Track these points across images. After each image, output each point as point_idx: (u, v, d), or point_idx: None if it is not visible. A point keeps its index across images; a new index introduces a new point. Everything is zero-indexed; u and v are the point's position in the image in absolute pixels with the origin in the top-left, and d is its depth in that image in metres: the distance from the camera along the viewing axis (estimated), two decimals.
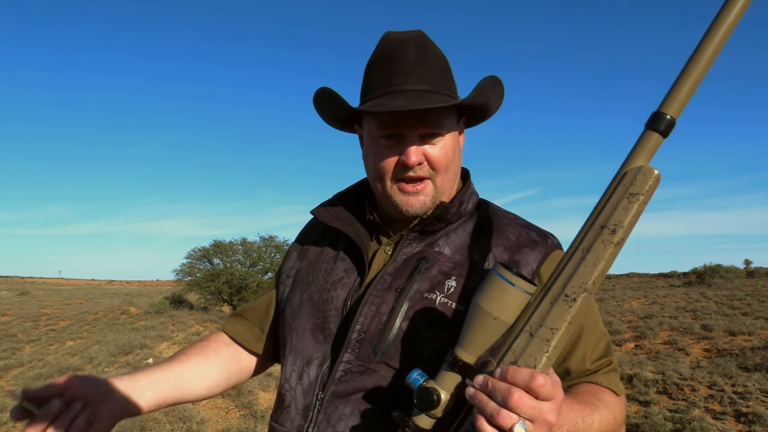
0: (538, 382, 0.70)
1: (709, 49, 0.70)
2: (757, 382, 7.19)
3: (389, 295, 1.03)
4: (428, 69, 1.03)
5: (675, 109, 0.72)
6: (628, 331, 12.47)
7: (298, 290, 1.17)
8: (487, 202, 1.18)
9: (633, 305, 18.67)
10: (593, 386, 1.01)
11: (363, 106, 1.04)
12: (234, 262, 20.30)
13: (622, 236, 0.74)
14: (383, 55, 1.05)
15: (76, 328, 17.24)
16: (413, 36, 1.06)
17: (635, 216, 0.74)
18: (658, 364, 8.86)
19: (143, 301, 22.91)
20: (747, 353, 9.10)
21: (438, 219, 1.07)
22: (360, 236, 1.12)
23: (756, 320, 12.42)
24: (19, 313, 22.93)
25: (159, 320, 16.24)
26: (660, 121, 0.72)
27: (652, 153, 0.74)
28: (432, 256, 1.06)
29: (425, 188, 1.05)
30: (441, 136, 1.04)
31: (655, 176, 0.73)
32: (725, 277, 28.37)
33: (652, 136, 0.73)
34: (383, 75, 1.04)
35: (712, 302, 17.65)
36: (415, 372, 0.84)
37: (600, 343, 1.05)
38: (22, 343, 15.04)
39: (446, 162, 1.05)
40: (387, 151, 1.05)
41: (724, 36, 0.70)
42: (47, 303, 29.06)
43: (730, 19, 0.70)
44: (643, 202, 0.73)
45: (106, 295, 37.82)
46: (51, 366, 10.56)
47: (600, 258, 0.74)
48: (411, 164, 1.01)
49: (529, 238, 1.07)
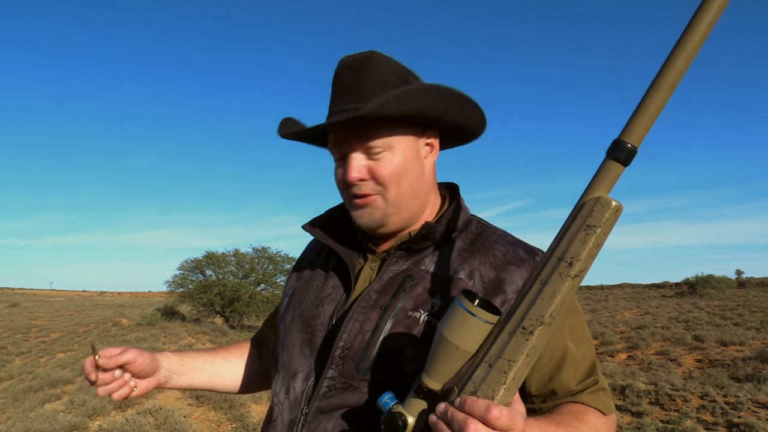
0: (493, 414, 0.71)
1: (670, 76, 0.69)
2: (749, 392, 7.21)
3: (374, 312, 1.03)
4: (366, 86, 1.03)
5: (636, 137, 0.70)
6: (620, 341, 12.49)
7: (291, 308, 1.19)
8: (477, 218, 1.18)
9: (625, 316, 18.72)
10: (578, 406, 1.00)
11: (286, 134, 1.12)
12: (227, 274, 20.22)
13: (579, 269, 0.72)
14: (332, 82, 1.09)
15: (66, 340, 17.07)
16: (356, 58, 1.06)
17: (593, 248, 0.72)
18: (650, 375, 8.88)
19: (135, 313, 22.75)
20: (739, 363, 9.14)
21: (424, 238, 1.07)
22: (348, 253, 1.14)
23: (747, 330, 12.48)
24: (9, 325, 22.69)
25: (151, 332, 16.11)
26: (621, 150, 0.70)
27: (613, 183, 0.72)
28: (418, 274, 1.06)
29: (373, 202, 1.06)
30: (386, 150, 1.04)
31: (613, 208, 0.71)
32: (717, 288, 28.49)
33: (612, 165, 0.71)
34: (330, 101, 1.08)
35: (704, 312, 17.72)
36: (386, 395, 0.84)
37: (585, 362, 1.04)
38: (11, 355, 14.87)
39: (394, 175, 1.04)
40: (338, 171, 1.09)
41: (685, 63, 0.69)
42: (38, 315, 28.79)
43: (690, 46, 0.68)
44: (600, 234, 0.71)
45: (98, 307, 37.51)
46: (41, 378, 10.45)
47: (557, 291, 0.72)
48: (350, 181, 1.04)
49: (516, 255, 1.07)
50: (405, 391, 0.86)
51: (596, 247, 0.72)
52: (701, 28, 0.68)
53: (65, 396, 8.97)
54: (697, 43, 0.68)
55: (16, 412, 8.27)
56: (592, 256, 0.72)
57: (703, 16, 0.67)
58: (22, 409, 8.28)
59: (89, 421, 6.89)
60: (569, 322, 1.04)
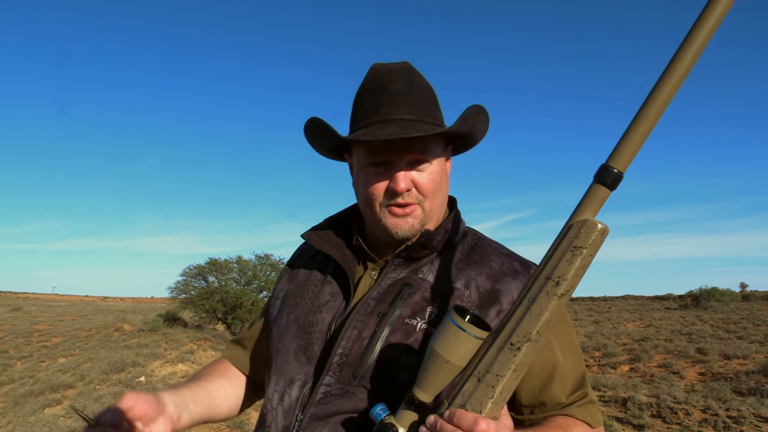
0: (480, 427, 0.75)
1: (655, 105, 0.71)
2: (751, 406, 7.16)
3: (371, 319, 1.05)
4: (415, 98, 1.07)
5: (622, 162, 0.73)
6: (623, 353, 12.43)
7: (285, 312, 1.19)
8: (473, 230, 1.21)
9: (628, 328, 18.64)
10: (567, 419, 1.02)
11: (352, 135, 1.07)
12: (229, 281, 20.22)
13: (565, 288, 0.75)
14: (371, 87, 1.09)
15: (68, 345, 17.09)
16: (400, 67, 1.10)
17: (579, 269, 0.75)
18: (652, 388, 8.83)
19: (137, 319, 22.74)
20: (741, 377, 9.08)
21: (423, 246, 1.09)
22: (347, 261, 1.15)
23: (751, 344, 12.41)
24: (11, 328, 22.73)
25: (152, 338, 16.11)
26: (607, 175, 0.73)
27: (599, 205, 0.75)
28: (415, 283, 1.08)
29: (414, 211, 1.08)
30: (428, 163, 1.07)
31: (599, 230, 0.74)
32: (721, 301, 28.34)
33: (599, 189, 0.74)
34: (372, 105, 1.07)
35: (708, 325, 17.63)
36: (378, 407, 0.87)
37: (575, 375, 1.06)
38: (13, 359, 14.89)
39: (434, 188, 1.08)
40: (376, 178, 1.07)
41: (669, 94, 0.71)
42: (40, 319, 28.82)
43: (675, 78, 0.70)
44: (587, 256, 0.74)
45: (100, 312, 37.54)
46: (42, 383, 10.45)
47: (544, 309, 0.76)
48: (400, 191, 1.04)
49: (512, 267, 1.10)
50: (401, 399, 0.88)
51: (582, 267, 0.75)
52: (686, 61, 0.70)
53: (65, 401, 8.98)
54: (681, 76, 0.71)
55: (17, 416, 8.27)
56: (578, 276, 0.75)
57: (687, 50, 0.70)
58: (23, 413, 8.29)
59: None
60: (559, 336, 1.06)
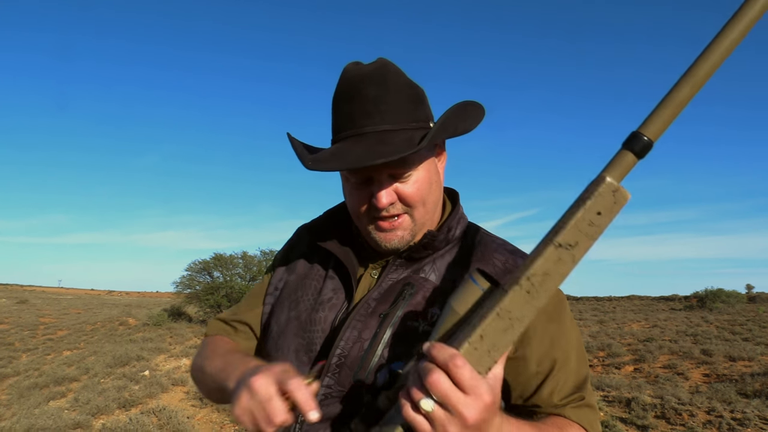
0: (456, 362, 0.70)
1: (700, 72, 0.69)
2: (756, 408, 7.12)
3: (372, 320, 1.02)
4: (389, 104, 1.01)
5: (653, 130, 0.70)
6: (627, 354, 12.39)
7: (285, 306, 1.16)
8: (475, 226, 1.17)
9: (633, 328, 18.58)
10: (561, 419, 0.99)
11: (319, 158, 1.00)
12: (234, 276, 20.29)
13: (564, 238, 0.72)
14: (344, 93, 1.03)
15: (73, 338, 17.19)
16: (373, 69, 1.03)
17: (581, 221, 0.72)
18: (656, 388, 8.80)
19: (142, 313, 22.86)
20: (747, 379, 9.03)
21: (425, 247, 1.07)
22: (349, 258, 1.12)
23: (756, 346, 12.34)
24: (17, 321, 22.88)
25: (157, 332, 16.19)
26: (637, 142, 0.71)
27: (624, 171, 0.72)
28: (417, 282, 1.05)
29: (402, 223, 1.05)
30: (413, 171, 1.02)
31: (607, 184, 0.71)
32: (726, 302, 28.20)
33: (626, 155, 0.72)
34: (345, 115, 1.03)
35: (713, 327, 17.55)
36: (397, 364, 0.86)
37: (573, 379, 1.03)
38: (19, 351, 14.99)
39: (420, 196, 1.04)
40: (359, 193, 1.04)
41: (719, 58, 0.68)
42: (45, 312, 29.00)
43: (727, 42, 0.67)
44: (590, 208, 0.72)
45: (105, 306, 37.74)
46: (47, 376, 10.51)
47: (539, 254, 0.73)
48: (381, 206, 1.01)
49: (516, 264, 1.06)
50: None
51: (584, 221, 0.72)
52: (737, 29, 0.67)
53: (70, 394, 9.03)
54: (730, 44, 0.68)
55: (21, 408, 8.32)
56: (579, 229, 0.72)
57: (741, 18, 0.67)
58: (27, 406, 8.34)
59: (93, 420, 6.92)
60: (560, 337, 1.04)
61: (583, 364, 1.06)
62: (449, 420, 0.71)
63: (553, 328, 1.03)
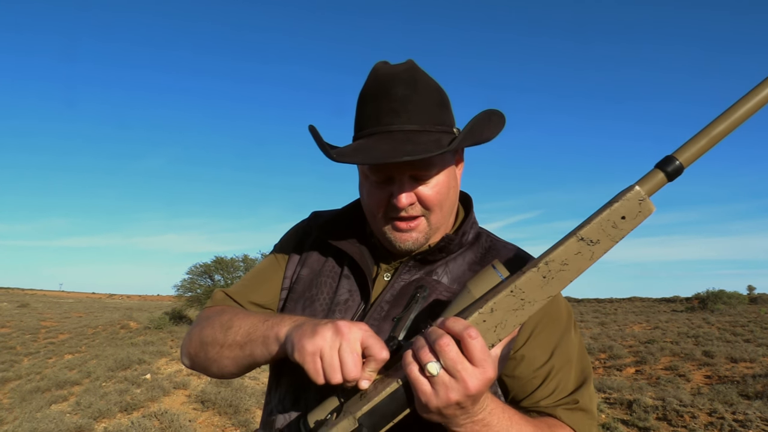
0: (470, 332, 0.74)
1: (739, 112, 0.76)
2: (758, 410, 7.11)
3: (386, 324, 1.03)
4: (417, 105, 1.01)
5: (687, 157, 0.77)
6: (629, 355, 12.38)
7: (300, 303, 1.14)
8: (486, 231, 1.19)
9: (634, 330, 18.56)
10: (551, 419, 1.01)
11: (343, 152, 1.00)
12: (235, 279, 20.27)
13: (586, 233, 0.78)
14: (372, 91, 1.04)
15: (75, 342, 17.19)
16: (403, 69, 1.04)
17: (605, 221, 0.77)
18: (658, 390, 8.79)
19: (143, 316, 22.85)
20: (748, 380, 9.02)
21: (441, 250, 1.08)
22: (365, 260, 1.12)
23: (758, 347, 12.32)
24: (18, 325, 22.89)
25: (158, 336, 16.19)
26: (669, 164, 0.77)
27: (654, 189, 0.78)
28: (430, 285, 1.06)
29: (419, 225, 1.05)
30: (433, 175, 1.03)
31: (635, 192, 0.77)
32: (728, 303, 28.16)
33: (657, 174, 0.78)
34: (372, 112, 1.02)
35: (715, 328, 17.52)
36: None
37: (572, 385, 1.04)
38: (20, 355, 15.00)
39: (439, 200, 1.04)
40: (378, 191, 1.04)
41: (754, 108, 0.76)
42: (47, 316, 29.01)
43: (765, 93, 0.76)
44: (615, 210, 0.77)
45: (106, 309, 37.73)
46: (49, 379, 10.52)
47: (561, 244, 0.79)
48: (401, 206, 1.01)
49: None
50: None
51: (608, 221, 0.77)
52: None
53: (72, 397, 9.02)
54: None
55: (23, 411, 8.33)
56: (603, 228, 0.77)
57: None
58: (29, 410, 8.34)
59: (95, 423, 6.92)
60: (563, 345, 1.05)
61: (579, 370, 1.07)
62: (452, 386, 0.74)
63: (558, 335, 1.05)
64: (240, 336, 1.01)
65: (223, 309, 1.14)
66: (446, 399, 0.75)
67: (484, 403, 0.81)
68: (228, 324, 1.05)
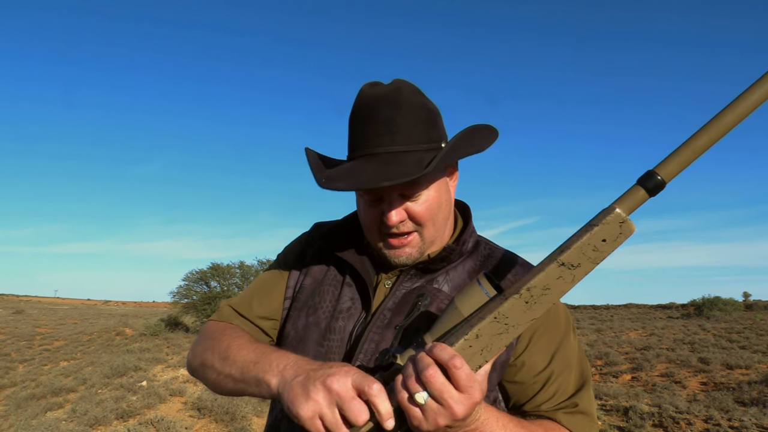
0: (455, 362, 0.76)
1: (720, 125, 0.74)
2: (754, 416, 7.13)
3: (388, 332, 1.05)
4: (401, 126, 1.03)
5: (668, 172, 0.75)
6: (625, 362, 12.40)
7: (303, 312, 1.17)
8: (485, 239, 1.21)
9: (630, 336, 18.58)
10: (550, 422, 1.03)
11: (332, 177, 1.03)
12: (231, 286, 20.27)
13: (567, 258, 0.77)
14: (359, 114, 1.06)
15: (70, 349, 17.12)
16: (387, 91, 1.05)
17: (585, 245, 0.76)
18: (654, 397, 8.81)
19: (139, 323, 22.78)
20: (744, 387, 9.05)
21: (442, 260, 1.10)
22: (365, 268, 1.14)
23: (754, 354, 12.36)
24: (13, 332, 22.78)
25: (154, 342, 16.15)
26: (650, 180, 0.76)
27: (634, 206, 0.77)
28: (431, 293, 1.09)
29: (411, 241, 1.08)
30: (423, 191, 1.05)
31: (615, 215, 0.76)
32: (724, 310, 28.22)
33: (638, 191, 0.76)
34: (359, 135, 1.06)
35: (710, 335, 17.57)
36: (397, 348, 0.91)
37: (571, 386, 1.06)
38: (15, 362, 14.92)
39: (430, 215, 1.06)
40: (370, 209, 1.07)
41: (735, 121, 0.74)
42: (42, 322, 28.88)
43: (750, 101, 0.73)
44: (595, 234, 0.76)
45: (102, 316, 37.59)
46: (44, 386, 10.47)
47: (541, 269, 0.79)
48: (391, 224, 1.04)
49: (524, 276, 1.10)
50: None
51: (589, 245, 0.77)
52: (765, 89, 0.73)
53: (67, 404, 8.99)
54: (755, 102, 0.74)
55: (19, 419, 8.29)
56: (584, 252, 0.77)
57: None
58: (25, 417, 8.30)
59: (91, 431, 6.90)
60: (562, 351, 1.07)
61: (581, 376, 1.09)
62: (440, 412, 0.77)
63: (557, 340, 1.08)
64: (235, 371, 1.02)
65: (223, 330, 1.15)
66: (435, 424, 0.78)
67: (476, 415, 0.84)
68: (224, 354, 1.06)
